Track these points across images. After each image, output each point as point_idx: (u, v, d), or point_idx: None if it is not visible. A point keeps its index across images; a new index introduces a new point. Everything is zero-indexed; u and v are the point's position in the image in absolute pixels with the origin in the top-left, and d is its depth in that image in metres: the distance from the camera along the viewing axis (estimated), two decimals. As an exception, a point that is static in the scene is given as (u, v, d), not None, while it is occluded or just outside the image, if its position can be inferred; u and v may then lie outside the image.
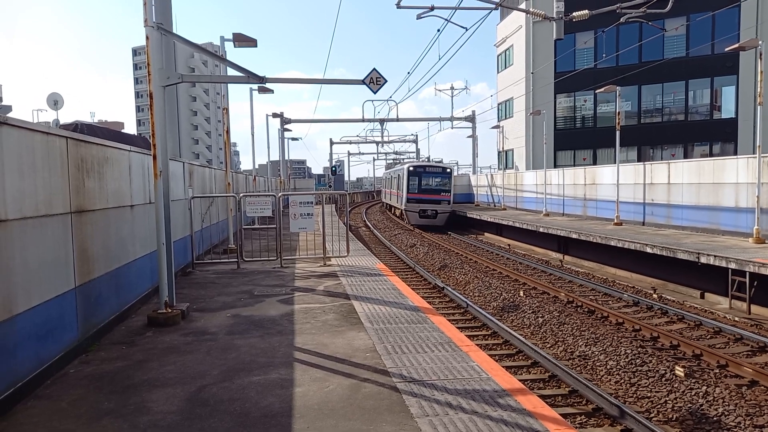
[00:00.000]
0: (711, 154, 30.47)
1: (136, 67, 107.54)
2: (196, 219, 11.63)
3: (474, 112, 37.05)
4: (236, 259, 11.76)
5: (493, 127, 38.74)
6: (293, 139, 53.66)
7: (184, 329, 6.73)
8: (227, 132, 15.54)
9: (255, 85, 20.43)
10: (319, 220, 12.57)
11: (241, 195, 14.37)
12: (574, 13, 14.42)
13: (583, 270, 16.87)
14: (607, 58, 30.32)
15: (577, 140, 34.23)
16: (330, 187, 62.47)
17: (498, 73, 40.87)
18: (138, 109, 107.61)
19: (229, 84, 15.86)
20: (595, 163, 31.65)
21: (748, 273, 11.05)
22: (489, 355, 5.82)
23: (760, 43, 13.72)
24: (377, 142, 57.88)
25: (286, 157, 44.45)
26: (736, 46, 14.04)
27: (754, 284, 11.10)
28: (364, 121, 37.32)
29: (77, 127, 9.71)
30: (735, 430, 6.01)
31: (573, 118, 34.90)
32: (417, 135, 70.07)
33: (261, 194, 17.67)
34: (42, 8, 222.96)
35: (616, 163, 19.64)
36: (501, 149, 40.52)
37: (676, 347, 8.84)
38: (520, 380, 6.35)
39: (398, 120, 37.47)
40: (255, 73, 7.81)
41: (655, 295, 12.79)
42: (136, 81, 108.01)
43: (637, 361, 7.88)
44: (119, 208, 7.14)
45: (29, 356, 4.72)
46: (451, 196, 31.04)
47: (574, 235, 17.62)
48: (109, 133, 11.13)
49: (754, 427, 6.03)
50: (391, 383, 4.73)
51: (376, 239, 25.37)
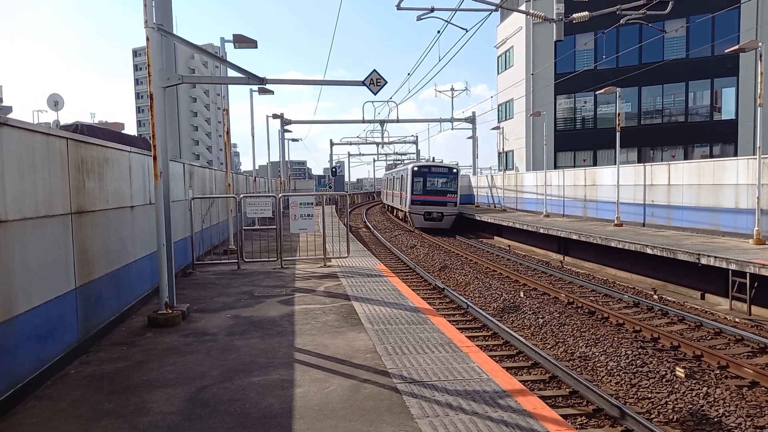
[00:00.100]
0: (711, 156, 30.47)
1: (136, 68, 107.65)
2: (196, 220, 11.63)
3: (474, 113, 37.11)
4: (236, 260, 11.76)
5: (494, 129, 38.77)
6: (293, 140, 53.77)
7: (185, 330, 6.73)
8: (227, 133, 15.55)
9: (255, 86, 20.43)
10: (320, 221, 12.58)
11: (242, 196, 14.39)
12: (574, 15, 14.45)
13: (584, 271, 16.87)
14: (607, 60, 30.33)
15: (577, 141, 34.24)
16: (330, 188, 62.50)
17: (498, 74, 40.91)
18: (138, 110, 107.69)
19: (229, 85, 15.87)
20: (595, 165, 31.64)
21: (748, 274, 11.05)
22: (489, 356, 5.82)
23: (760, 44, 13.73)
24: (377, 143, 57.91)
25: (287, 158, 44.47)
26: (736, 47, 14.05)
27: (755, 285, 11.10)
28: (364, 122, 37.39)
29: (77, 128, 9.72)
30: (735, 431, 6.01)
31: (573, 120, 34.92)
32: (417, 136, 70.20)
33: (261, 195, 17.71)
34: (42, 8, 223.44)
35: (616, 164, 19.65)
36: (501, 150, 40.55)
37: (676, 348, 8.84)
38: (521, 381, 6.36)
39: (398, 121, 37.50)
40: (255, 74, 7.81)
41: (655, 296, 12.79)
42: (137, 82, 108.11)
43: (638, 362, 7.88)
44: (119, 209, 7.14)
45: (29, 357, 4.72)
46: (458, 198, 29.89)
47: (575, 236, 17.62)
48: (110, 133, 11.15)
49: (755, 428, 6.03)
50: (392, 384, 4.73)
51: (376, 240, 25.37)
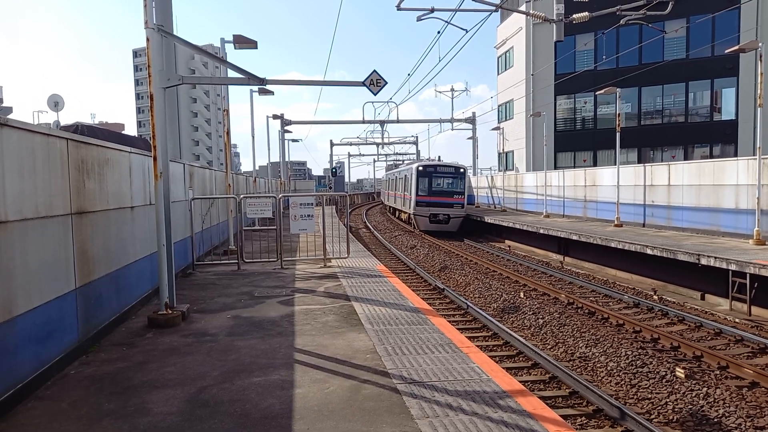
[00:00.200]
0: (711, 156, 30.46)
1: (136, 69, 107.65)
2: (196, 220, 11.64)
3: (474, 113, 37.13)
4: (236, 261, 11.76)
5: (494, 129, 38.75)
6: (293, 141, 53.79)
7: (185, 330, 6.73)
8: (227, 133, 15.55)
9: (255, 87, 20.43)
10: (320, 221, 12.58)
11: (242, 196, 14.40)
12: (575, 15, 14.45)
13: (584, 271, 16.87)
14: (607, 60, 30.34)
15: (577, 142, 34.23)
16: (330, 188, 62.47)
17: (498, 74, 40.91)
18: (138, 111, 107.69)
19: (229, 86, 15.87)
20: (595, 165, 31.65)
21: (748, 274, 11.05)
22: (489, 357, 5.82)
23: (760, 44, 13.73)
24: (377, 144, 57.91)
25: (287, 159, 44.46)
26: (736, 48, 14.05)
27: (755, 286, 11.10)
28: (364, 122, 37.41)
29: (78, 129, 9.70)
30: (735, 431, 6.01)
31: (573, 120, 34.91)
32: (417, 136, 70.19)
33: (261, 195, 17.71)
34: (42, 9, 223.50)
35: (616, 164, 19.66)
36: (501, 151, 40.55)
37: (676, 348, 8.84)
38: (521, 381, 6.37)
39: (398, 121, 37.52)
40: (255, 74, 7.81)
41: (655, 297, 12.79)
42: (137, 82, 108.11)
43: (638, 362, 7.88)
44: (119, 209, 7.15)
45: (30, 357, 4.72)
46: (465, 199, 28.38)
47: (575, 237, 17.62)
48: (110, 134, 11.14)
49: (755, 429, 6.03)
50: (392, 384, 4.73)
51: (376, 240, 25.36)
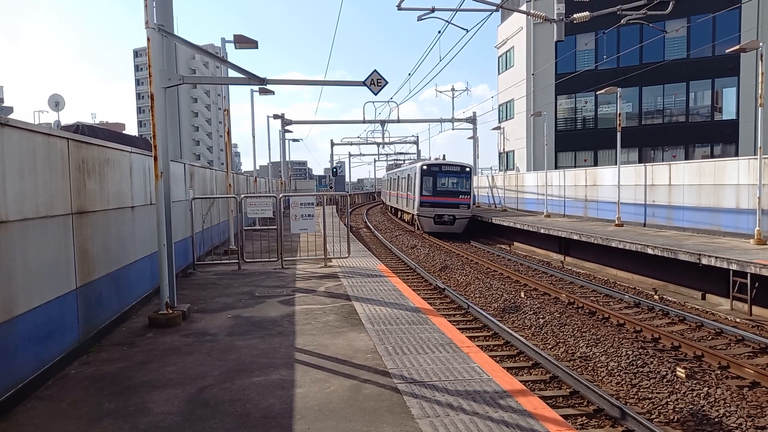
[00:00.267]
0: (712, 156, 30.44)
1: (137, 69, 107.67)
2: (196, 220, 11.64)
3: (475, 113, 37.06)
4: (237, 260, 11.77)
5: (494, 129, 38.72)
6: (294, 141, 53.80)
7: (185, 330, 6.73)
8: (228, 133, 15.56)
9: (256, 87, 20.44)
10: (320, 221, 12.58)
11: (242, 196, 14.39)
12: (575, 15, 14.43)
13: (585, 271, 16.87)
14: (608, 60, 30.32)
15: (578, 142, 34.22)
16: (331, 188, 62.48)
17: (499, 74, 40.90)
18: (139, 111, 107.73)
19: (230, 85, 15.87)
20: (596, 165, 31.64)
21: (749, 274, 11.04)
22: (490, 356, 5.82)
23: (760, 44, 13.71)
24: (378, 144, 57.88)
25: (287, 159, 44.47)
26: (737, 47, 14.04)
27: (756, 285, 11.09)
28: (365, 122, 37.33)
29: (78, 129, 9.70)
30: (736, 431, 6.00)
31: (574, 120, 34.90)
32: (418, 136, 70.24)
33: (262, 195, 17.71)
34: (42, 9, 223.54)
35: (617, 164, 19.65)
36: (502, 150, 40.54)
37: (677, 348, 8.83)
38: (521, 381, 6.36)
39: (399, 121, 37.48)
40: (256, 74, 7.82)
41: (656, 297, 12.78)
42: (137, 82, 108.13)
43: (639, 362, 7.88)
44: (120, 209, 7.15)
45: (30, 357, 4.72)
46: (471, 200, 27.42)
47: (575, 237, 17.61)
48: (110, 134, 11.14)
49: (756, 429, 6.02)
50: (392, 384, 4.73)
51: (377, 240, 25.36)
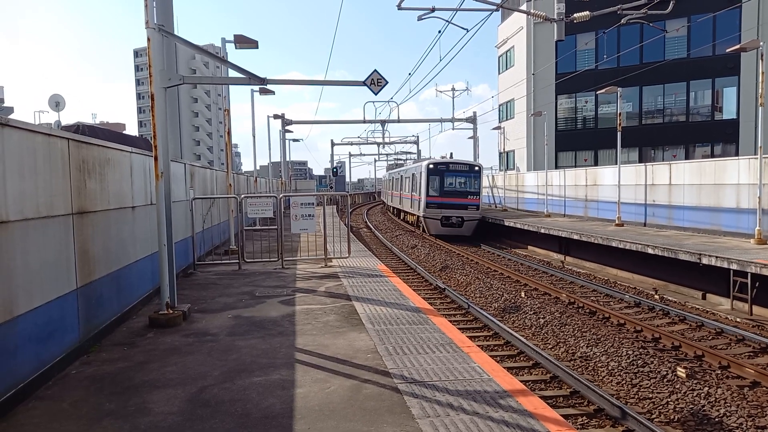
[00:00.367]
0: (712, 155, 30.43)
1: (137, 69, 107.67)
2: (197, 220, 11.64)
3: (475, 113, 36.90)
4: (237, 260, 11.77)
5: (495, 128, 38.68)
6: (294, 141, 53.81)
7: (186, 330, 6.74)
8: (228, 133, 15.56)
9: (256, 87, 20.45)
10: (320, 221, 12.58)
11: (243, 196, 14.39)
12: (575, 15, 14.41)
13: (585, 271, 16.86)
14: (608, 60, 30.29)
15: (578, 141, 34.21)
16: (331, 188, 62.46)
17: (499, 74, 40.89)
18: (139, 111, 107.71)
19: (230, 85, 15.87)
20: (596, 164, 31.62)
21: (749, 274, 11.04)
22: (490, 356, 5.82)
23: (761, 44, 13.70)
24: (378, 144, 57.78)
25: (287, 159, 44.45)
26: (737, 47, 14.03)
27: (756, 285, 11.08)
28: (365, 122, 37.20)
29: (79, 129, 9.70)
30: (737, 431, 6.00)
31: (574, 119, 34.89)
32: (418, 136, 70.09)
33: (262, 195, 17.71)
34: (42, 9, 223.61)
35: (617, 164, 19.64)
36: (502, 150, 40.52)
37: (677, 348, 8.83)
38: (522, 381, 6.36)
39: (399, 121, 37.37)
40: (256, 74, 7.82)
41: (656, 296, 12.78)
42: (138, 82, 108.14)
43: (639, 362, 7.87)
44: (120, 209, 7.15)
45: (30, 357, 4.73)
46: (480, 200, 26.12)
47: (576, 236, 17.61)
48: (111, 134, 11.14)
49: (756, 428, 6.02)
50: (393, 384, 4.73)
51: (377, 240, 25.36)
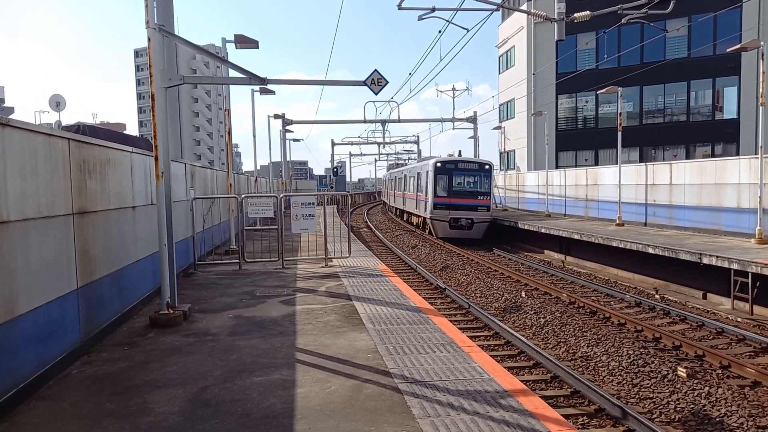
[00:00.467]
0: (713, 155, 30.42)
1: (138, 69, 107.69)
2: (197, 220, 11.64)
3: (475, 113, 36.87)
4: (238, 260, 11.77)
5: (495, 128, 38.66)
6: (295, 140, 53.79)
7: (186, 330, 6.74)
8: (229, 133, 15.57)
9: (256, 87, 20.45)
10: (321, 221, 12.58)
11: (243, 196, 14.40)
12: (576, 14, 14.39)
13: (585, 271, 16.85)
14: (609, 59, 30.28)
15: (578, 141, 34.20)
16: (332, 188, 62.44)
17: (499, 74, 40.88)
18: (140, 111, 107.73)
19: (230, 85, 15.87)
20: (596, 164, 31.61)
21: (750, 274, 11.03)
22: (491, 356, 5.82)
23: (761, 43, 13.70)
24: (379, 143, 57.81)
25: (288, 158, 44.42)
26: (738, 46, 14.02)
27: (757, 285, 11.08)
28: (365, 122, 37.16)
29: (79, 129, 9.71)
30: (737, 431, 6.00)
31: (574, 119, 34.88)
32: (418, 136, 69.90)
33: (263, 195, 17.71)
34: (42, 9, 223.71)
35: (617, 163, 19.63)
36: (502, 150, 40.51)
37: (678, 348, 8.83)
38: (522, 381, 6.36)
39: (400, 121, 37.32)
40: (256, 74, 7.82)
41: (657, 296, 12.77)
42: (138, 82, 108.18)
43: (639, 361, 7.87)
44: (121, 209, 7.15)
45: (31, 357, 4.73)
46: (491, 201, 24.72)
47: (576, 236, 17.60)
48: (111, 134, 11.15)
49: (757, 428, 6.02)
50: (393, 384, 4.73)
51: (377, 240, 25.36)
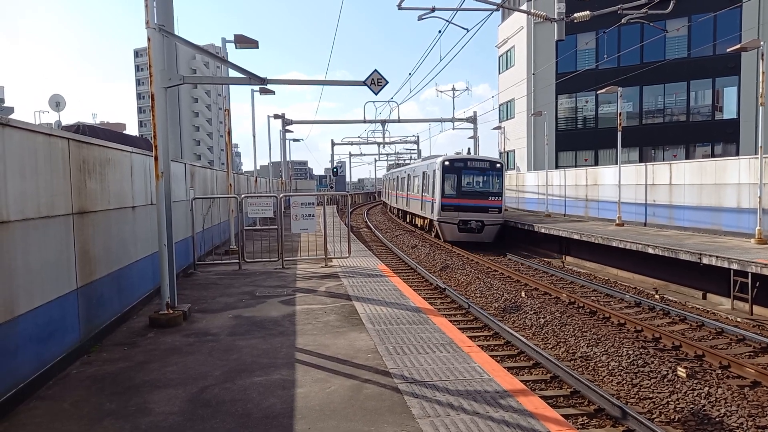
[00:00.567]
0: (713, 155, 30.42)
1: (137, 69, 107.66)
2: (197, 220, 11.64)
3: (475, 113, 36.85)
4: (238, 260, 11.77)
5: (495, 128, 38.71)
6: (294, 141, 53.80)
7: (186, 330, 6.74)
8: (229, 133, 15.57)
9: (256, 87, 20.45)
10: (321, 221, 12.58)
11: (243, 196, 14.40)
12: (576, 14, 14.39)
13: (585, 271, 16.85)
14: (609, 59, 30.29)
15: (578, 141, 34.21)
16: (331, 188, 62.44)
17: (499, 74, 40.88)
18: (140, 111, 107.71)
19: (230, 85, 15.88)
20: (596, 164, 31.61)
21: (750, 274, 11.03)
22: (490, 356, 5.82)
23: (761, 43, 13.70)
24: (379, 143, 57.80)
25: (288, 158, 44.42)
26: (738, 46, 14.02)
27: (756, 285, 11.08)
28: (365, 122, 37.12)
29: (79, 129, 9.71)
30: (737, 431, 6.00)
31: (574, 119, 34.88)
32: (418, 136, 69.98)
33: (262, 195, 17.71)
34: (42, 9, 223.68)
35: (617, 163, 19.63)
36: (502, 150, 40.52)
37: (678, 348, 8.83)
38: (522, 381, 6.36)
39: (399, 121, 37.31)
40: (256, 74, 7.82)
41: (657, 296, 12.77)
42: (138, 82, 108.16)
43: (639, 361, 7.87)
44: (121, 209, 7.15)
45: (31, 357, 4.73)
46: (503, 202, 23.08)
47: (576, 236, 17.60)
48: (111, 134, 11.15)
49: (757, 428, 6.02)
50: (393, 384, 4.73)
51: (377, 240, 25.36)
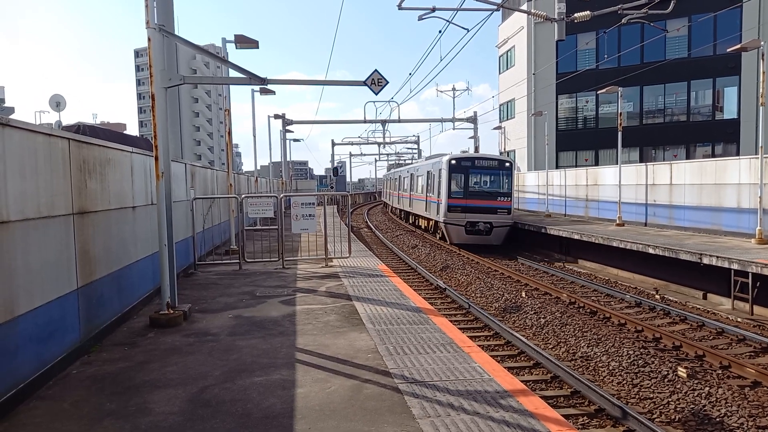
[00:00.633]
0: (713, 155, 30.42)
1: (138, 69, 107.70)
2: (197, 220, 11.64)
3: (476, 113, 36.80)
4: (238, 260, 11.77)
5: (495, 128, 38.67)
6: (295, 141, 53.79)
7: (186, 330, 6.74)
8: (229, 133, 15.56)
9: (257, 87, 20.45)
10: (321, 221, 12.58)
11: (243, 196, 14.40)
12: (576, 14, 14.39)
13: (586, 271, 16.85)
14: (609, 59, 30.29)
15: (578, 141, 34.20)
16: (332, 188, 62.42)
17: (500, 74, 40.88)
18: (140, 111, 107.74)
19: (230, 85, 15.88)
20: (597, 164, 31.61)
21: (750, 274, 11.03)
22: (491, 356, 5.82)
23: (762, 43, 13.69)
24: (379, 143, 57.77)
25: (288, 159, 44.41)
26: (738, 46, 14.02)
27: (757, 285, 11.07)
28: (365, 122, 37.05)
29: (79, 129, 9.70)
30: (738, 431, 6.00)
31: (575, 119, 34.88)
32: (419, 136, 70.01)
33: (263, 195, 17.72)
34: (42, 9, 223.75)
35: (618, 163, 19.62)
36: (503, 150, 40.51)
37: (678, 348, 8.83)
38: (522, 381, 6.36)
39: (400, 121, 37.22)
40: (256, 74, 7.81)
41: (657, 296, 12.77)
42: (138, 82, 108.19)
43: (640, 362, 7.87)
44: (121, 209, 7.15)
45: (31, 357, 4.73)
46: (512, 202, 22.18)
47: (576, 236, 17.60)
48: (112, 134, 11.15)
49: (757, 428, 6.01)
50: (393, 384, 4.73)
51: (377, 240, 25.36)
